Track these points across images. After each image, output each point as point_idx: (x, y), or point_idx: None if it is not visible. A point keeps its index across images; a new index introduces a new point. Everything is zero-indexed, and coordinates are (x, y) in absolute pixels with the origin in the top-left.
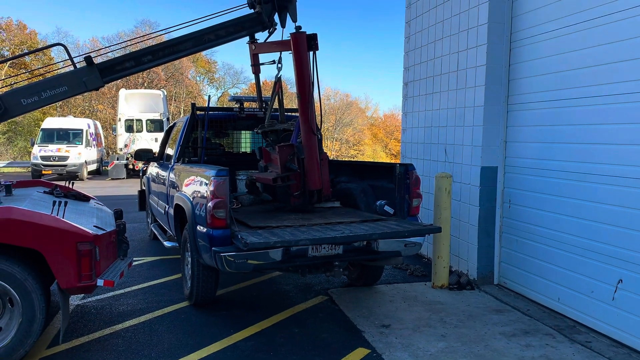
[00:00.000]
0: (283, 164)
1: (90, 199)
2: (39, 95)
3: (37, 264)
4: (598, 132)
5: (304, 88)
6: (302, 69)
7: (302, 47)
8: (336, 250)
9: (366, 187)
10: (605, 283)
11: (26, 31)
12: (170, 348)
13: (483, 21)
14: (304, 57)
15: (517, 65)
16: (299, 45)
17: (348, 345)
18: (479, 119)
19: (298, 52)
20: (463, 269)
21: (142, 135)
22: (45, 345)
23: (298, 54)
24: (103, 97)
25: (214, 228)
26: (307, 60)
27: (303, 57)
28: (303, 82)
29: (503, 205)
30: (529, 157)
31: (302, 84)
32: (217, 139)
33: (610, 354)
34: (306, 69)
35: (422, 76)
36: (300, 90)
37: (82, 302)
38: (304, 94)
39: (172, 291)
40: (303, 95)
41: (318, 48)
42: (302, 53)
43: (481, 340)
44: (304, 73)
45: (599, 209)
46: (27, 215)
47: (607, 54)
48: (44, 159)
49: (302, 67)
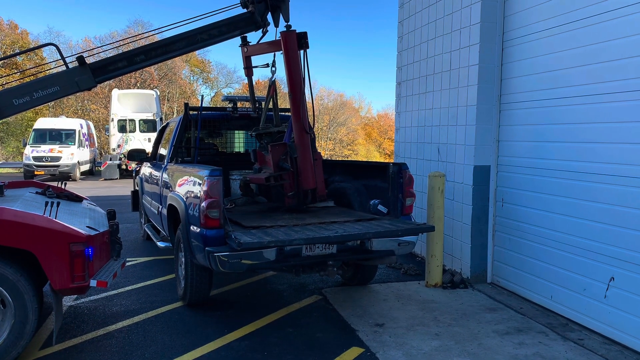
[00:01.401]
0: (276, 163)
1: (83, 199)
2: (31, 96)
3: (29, 265)
4: (590, 130)
5: (296, 87)
6: (292, 67)
7: (292, 46)
8: (330, 250)
9: (360, 187)
10: (598, 281)
11: (17, 31)
12: (164, 348)
13: (475, 21)
14: (294, 56)
15: (510, 64)
16: (289, 44)
17: (342, 344)
18: (472, 118)
19: (288, 51)
20: (456, 268)
21: (135, 135)
22: (38, 346)
23: (288, 53)
24: (96, 97)
25: (207, 228)
26: (297, 59)
27: (293, 55)
28: (294, 80)
29: (496, 204)
30: (522, 156)
31: (294, 82)
32: (211, 139)
33: (603, 352)
34: (297, 67)
35: (415, 75)
36: (292, 89)
37: (75, 303)
38: (295, 92)
39: (166, 291)
40: (295, 94)
41: (309, 46)
42: (292, 52)
43: (474, 338)
44: (294, 72)
45: (592, 208)
46: (19, 216)
47: (599, 53)
48: (37, 159)
49: (292, 66)
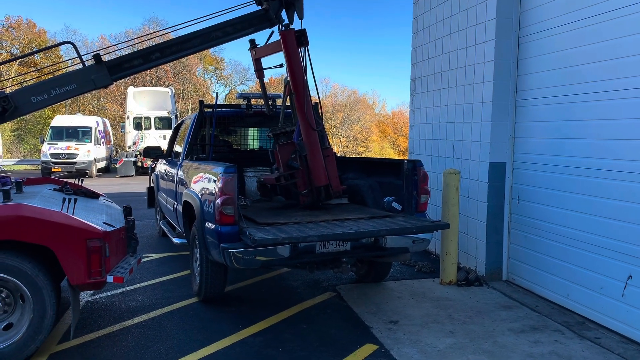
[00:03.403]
0: (285, 163)
1: (99, 196)
2: (48, 93)
3: (47, 260)
4: (608, 127)
5: (298, 85)
6: (293, 65)
7: (291, 45)
8: (344, 247)
9: (374, 184)
10: (615, 279)
11: (35, 30)
12: (180, 343)
13: (491, 16)
14: (294, 54)
15: (526, 60)
16: (288, 43)
17: (356, 341)
18: (487, 115)
19: (288, 50)
20: (471, 266)
21: (151, 132)
22: (56, 341)
23: (288, 51)
24: (111, 95)
25: (222, 225)
26: (298, 57)
27: (293, 54)
28: (296, 78)
29: (512, 202)
30: (538, 153)
31: (296, 80)
32: (225, 136)
33: (620, 350)
34: (298, 65)
35: (430, 72)
36: (294, 87)
37: (92, 299)
38: (298, 90)
39: (181, 287)
40: (297, 91)
41: (309, 43)
42: (291, 50)
43: (489, 336)
44: (295, 70)
45: (609, 205)
46: (37, 212)
47: (616, 48)
48: (54, 156)
49: (293, 64)
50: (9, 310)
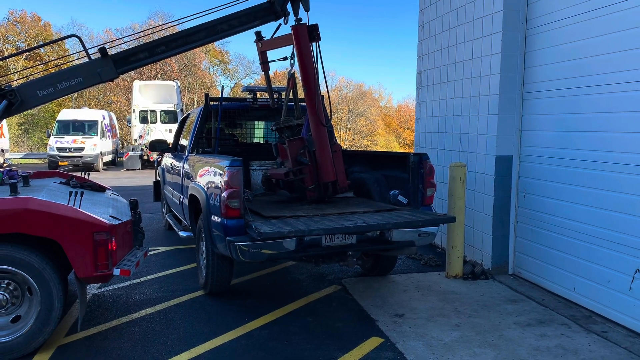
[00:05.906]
0: (294, 158)
1: (105, 189)
2: (54, 87)
3: (54, 253)
4: (615, 120)
5: (309, 80)
6: (305, 60)
7: (303, 39)
8: (350, 240)
9: (379, 177)
10: (622, 273)
11: (40, 23)
12: (186, 336)
13: (498, 8)
14: (306, 49)
15: (533, 52)
16: (300, 37)
17: (362, 334)
18: (494, 108)
19: (299, 44)
20: (477, 259)
21: (157, 126)
22: (63, 333)
23: (300, 46)
24: (117, 89)
25: (228, 218)
26: (309, 52)
27: (305, 49)
28: (307, 74)
29: (518, 195)
30: (545, 146)
31: (307, 75)
32: (231, 130)
33: (627, 344)
34: (309, 60)
35: (437, 64)
36: (306, 83)
37: (99, 291)
38: (309, 86)
39: (187, 280)
40: (308, 87)
41: (320, 38)
42: (303, 45)
43: (495, 329)
44: (307, 65)
45: (616, 198)
46: (44, 205)
47: (624, 41)
48: (60, 150)
49: (305, 59)
50: (17, 302)
